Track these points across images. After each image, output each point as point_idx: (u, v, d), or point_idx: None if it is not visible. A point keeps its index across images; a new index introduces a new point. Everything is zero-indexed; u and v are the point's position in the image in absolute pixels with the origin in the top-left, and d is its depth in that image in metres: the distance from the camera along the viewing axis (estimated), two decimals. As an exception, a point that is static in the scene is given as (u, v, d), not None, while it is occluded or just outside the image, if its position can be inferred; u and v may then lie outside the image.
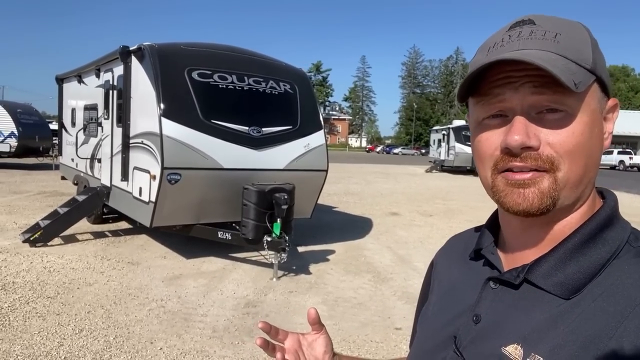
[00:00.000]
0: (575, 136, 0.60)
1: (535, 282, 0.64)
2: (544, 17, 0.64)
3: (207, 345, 3.83)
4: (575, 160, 0.60)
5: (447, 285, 0.82)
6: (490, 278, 0.70)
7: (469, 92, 0.66)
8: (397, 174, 24.22)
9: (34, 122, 17.66)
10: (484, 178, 0.67)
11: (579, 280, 0.61)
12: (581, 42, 0.62)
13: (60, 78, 10.39)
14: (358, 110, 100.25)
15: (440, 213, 11.27)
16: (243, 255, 6.53)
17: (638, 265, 0.60)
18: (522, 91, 0.60)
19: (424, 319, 0.84)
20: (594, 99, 0.62)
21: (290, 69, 7.12)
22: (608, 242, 0.63)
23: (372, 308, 4.88)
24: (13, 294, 4.76)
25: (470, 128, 0.70)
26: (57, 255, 6.22)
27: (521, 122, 0.60)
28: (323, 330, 0.91)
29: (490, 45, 0.65)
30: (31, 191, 12.03)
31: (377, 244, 7.79)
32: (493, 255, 0.73)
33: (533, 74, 0.59)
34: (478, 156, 0.67)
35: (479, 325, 0.68)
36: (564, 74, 0.56)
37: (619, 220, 0.66)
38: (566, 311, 0.60)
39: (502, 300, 0.67)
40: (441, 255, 0.91)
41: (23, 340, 3.74)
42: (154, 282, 5.33)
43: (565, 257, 0.63)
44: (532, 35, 0.62)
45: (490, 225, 0.78)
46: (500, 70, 0.61)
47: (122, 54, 6.23)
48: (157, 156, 5.55)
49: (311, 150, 6.62)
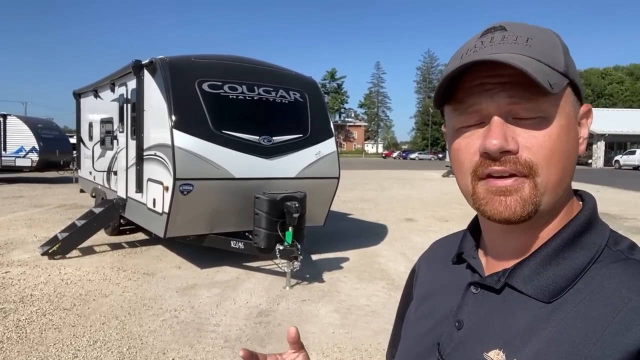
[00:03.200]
0: (552, 139, 0.60)
1: (516, 287, 0.64)
2: (515, 24, 0.64)
3: (218, 356, 3.84)
4: (553, 164, 0.60)
5: (430, 291, 0.81)
6: (471, 283, 0.70)
7: (444, 99, 0.65)
8: (413, 179, 24.06)
9: (55, 137, 18.06)
10: (463, 186, 0.66)
11: (559, 284, 0.61)
12: (553, 47, 0.62)
13: (78, 93, 10.64)
14: (374, 116, 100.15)
15: (457, 218, 11.13)
16: (257, 264, 6.54)
17: (618, 269, 0.60)
18: (498, 99, 0.60)
19: (407, 326, 0.83)
20: (568, 103, 0.62)
21: (300, 77, 7.16)
22: (587, 246, 0.63)
23: (385, 316, 4.83)
24: (31, 306, 4.85)
25: (447, 135, 0.70)
26: (74, 267, 6.32)
27: (499, 125, 0.60)
28: (302, 351, 0.90)
29: (464, 52, 0.65)
30: (52, 204, 12.28)
31: (391, 251, 7.73)
32: (474, 260, 0.73)
33: (507, 81, 0.59)
34: (457, 163, 0.66)
35: (461, 331, 0.67)
36: (539, 75, 0.56)
37: (597, 223, 0.66)
38: (548, 315, 0.60)
39: (483, 305, 0.67)
40: (424, 261, 0.91)
41: (39, 353, 3.80)
42: (168, 293, 5.37)
43: (545, 262, 0.63)
44: (504, 40, 0.62)
45: (472, 229, 0.78)
46: (475, 76, 0.61)
47: (134, 67, 6.35)
48: (169, 167, 5.62)
49: (322, 158, 6.62)
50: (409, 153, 70.74)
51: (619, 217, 11.29)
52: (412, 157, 66.43)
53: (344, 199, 14.30)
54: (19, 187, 16.29)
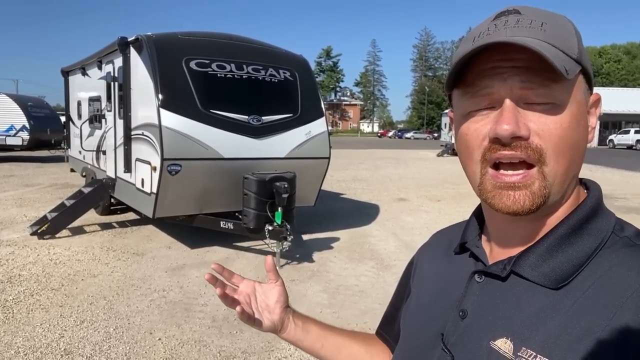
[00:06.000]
0: (563, 128, 0.59)
1: (522, 274, 0.63)
2: (529, 8, 0.63)
3: (205, 335, 3.86)
4: (562, 153, 0.60)
5: (432, 281, 0.81)
6: (475, 271, 0.69)
7: (454, 83, 0.64)
8: (407, 159, 24.05)
9: (45, 115, 17.84)
10: (471, 173, 0.65)
11: (566, 270, 0.61)
12: (567, 33, 0.61)
13: (66, 71, 10.45)
14: (369, 95, 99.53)
15: (449, 198, 11.16)
16: (248, 245, 6.55)
17: (626, 256, 0.60)
18: (510, 83, 0.59)
19: (408, 317, 0.82)
20: (580, 90, 0.62)
21: (291, 55, 7.04)
22: (594, 232, 0.63)
23: (373, 295, 4.86)
24: (18, 286, 4.85)
25: (455, 119, 0.69)
26: (64, 247, 6.31)
27: (511, 110, 0.59)
28: (279, 282, 0.95)
29: (476, 35, 0.63)
30: (42, 184, 12.20)
31: (382, 231, 7.75)
32: (478, 249, 0.72)
33: (521, 66, 0.58)
34: (465, 147, 0.65)
35: (465, 320, 0.67)
36: (556, 60, 0.56)
37: (603, 210, 0.66)
38: (556, 302, 0.59)
39: (488, 294, 0.66)
40: (424, 252, 0.90)
41: (25, 333, 3.80)
42: (157, 273, 5.38)
43: (552, 248, 0.63)
44: (519, 24, 0.61)
45: (475, 217, 0.77)
46: (488, 60, 0.60)
47: (120, 45, 6.22)
48: (157, 147, 5.56)
49: (313, 138, 6.56)
50: (404, 132, 70.54)
51: (609, 196, 11.34)
52: (408, 136, 66.27)
53: (337, 178, 14.29)
54: (9, 166, 16.17)
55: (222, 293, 0.86)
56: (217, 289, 0.86)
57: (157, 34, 5.96)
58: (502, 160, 0.60)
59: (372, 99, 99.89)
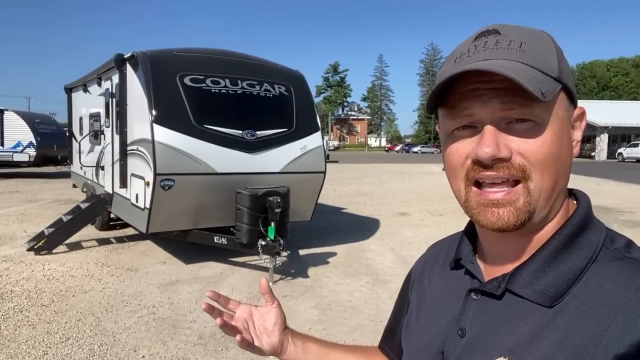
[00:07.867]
0: (545, 146, 0.60)
1: (516, 292, 0.64)
2: (509, 27, 0.64)
3: (189, 353, 3.80)
4: (546, 170, 0.60)
5: (430, 297, 0.81)
6: (471, 289, 0.69)
7: (437, 103, 0.65)
8: (412, 173, 23.95)
9: (52, 132, 18.04)
10: (456, 190, 0.66)
11: (560, 287, 0.61)
12: (546, 51, 0.62)
13: (69, 87, 10.59)
14: (377, 109, 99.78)
15: (451, 212, 11.04)
16: (243, 260, 6.50)
17: (615, 269, 0.60)
18: (491, 105, 0.60)
19: (410, 335, 0.83)
20: (561, 107, 0.62)
21: (286, 70, 7.07)
22: (585, 246, 0.63)
23: (365, 312, 4.78)
24: (9, 302, 4.83)
25: (441, 139, 0.70)
26: (59, 263, 6.30)
27: (491, 133, 0.60)
28: (276, 304, 0.95)
29: (457, 55, 0.65)
30: (46, 199, 12.29)
31: (380, 246, 7.67)
32: (473, 265, 0.73)
33: (500, 87, 0.59)
34: (450, 167, 0.67)
35: (464, 339, 0.67)
36: (531, 84, 0.56)
37: (593, 222, 0.66)
38: (551, 320, 0.59)
39: (485, 312, 0.66)
40: (421, 265, 0.91)
41: (9, 350, 3.77)
42: (149, 289, 5.34)
43: (544, 265, 0.63)
44: (498, 45, 0.62)
45: (468, 233, 0.77)
46: (468, 81, 0.61)
47: (116, 61, 6.29)
48: (150, 162, 5.57)
49: (308, 153, 6.54)
50: (411, 146, 70.46)
51: (616, 210, 11.17)
52: (415, 150, 66.16)
53: (340, 193, 14.26)
54: (16, 182, 16.33)
55: (222, 323, 0.87)
56: (216, 319, 0.87)
57: (152, 51, 6.02)
58: (485, 180, 0.61)
59: (380, 114, 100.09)
